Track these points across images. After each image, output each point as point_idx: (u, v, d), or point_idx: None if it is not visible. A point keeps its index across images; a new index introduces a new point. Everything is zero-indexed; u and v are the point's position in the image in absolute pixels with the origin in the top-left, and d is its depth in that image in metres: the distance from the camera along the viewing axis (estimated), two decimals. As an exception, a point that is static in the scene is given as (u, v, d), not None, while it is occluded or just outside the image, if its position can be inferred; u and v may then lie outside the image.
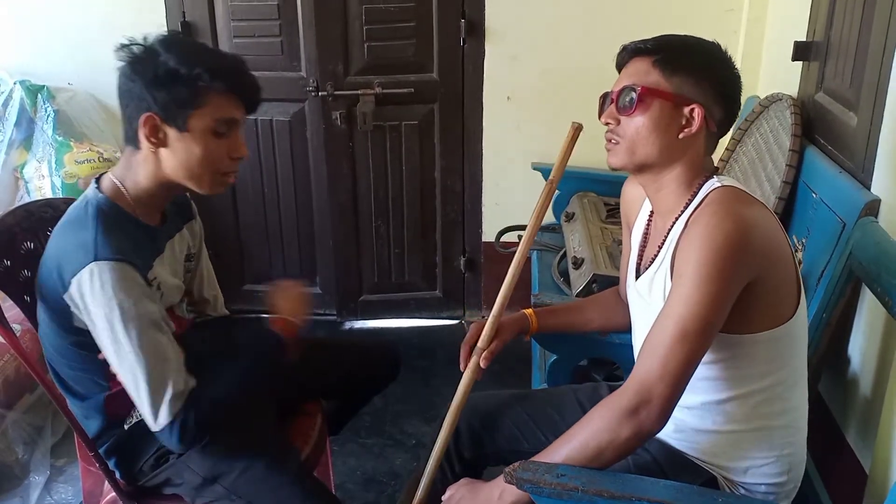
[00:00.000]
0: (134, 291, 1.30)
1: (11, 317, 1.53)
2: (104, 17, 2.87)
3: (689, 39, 1.27)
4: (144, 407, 1.32)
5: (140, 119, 1.32)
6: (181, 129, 1.33)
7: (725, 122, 1.28)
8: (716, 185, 1.24)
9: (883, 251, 1.42)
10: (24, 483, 2.24)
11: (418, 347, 3.02)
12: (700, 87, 1.23)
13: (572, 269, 2.15)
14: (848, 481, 1.61)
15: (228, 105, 1.36)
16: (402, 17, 2.80)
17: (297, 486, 1.44)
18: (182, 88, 1.30)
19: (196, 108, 1.32)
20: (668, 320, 1.15)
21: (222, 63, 1.35)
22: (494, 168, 3.01)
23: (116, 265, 1.28)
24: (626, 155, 1.28)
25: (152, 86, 1.30)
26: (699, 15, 2.71)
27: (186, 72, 1.30)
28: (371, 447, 2.43)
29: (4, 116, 2.81)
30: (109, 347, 1.31)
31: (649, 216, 1.39)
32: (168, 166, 1.37)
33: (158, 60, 1.30)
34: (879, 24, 1.63)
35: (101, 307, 1.28)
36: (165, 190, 1.42)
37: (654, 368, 1.14)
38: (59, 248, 1.35)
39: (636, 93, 1.23)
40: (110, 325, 1.28)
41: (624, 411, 1.15)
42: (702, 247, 1.13)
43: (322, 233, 3.12)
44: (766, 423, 1.27)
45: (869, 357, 1.61)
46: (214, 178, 1.40)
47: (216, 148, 1.36)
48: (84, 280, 1.28)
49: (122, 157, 1.42)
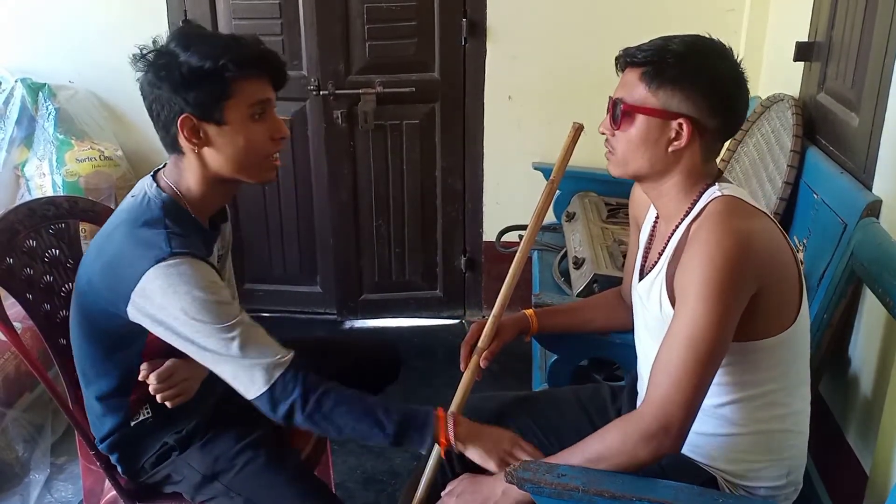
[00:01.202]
0: (211, 282, 1.29)
1: (13, 315, 1.53)
2: (105, 16, 2.87)
3: (684, 47, 1.21)
4: (243, 377, 1.30)
5: (177, 123, 1.31)
6: (220, 122, 1.32)
7: (725, 129, 1.25)
8: (716, 195, 1.22)
9: (884, 252, 1.42)
10: (24, 481, 2.24)
11: (418, 347, 3.01)
12: (689, 100, 1.19)
13: (573, 268, 2.15)
14: (848, 482, 1.61)
15: (259, 87, 1.34)
16: (403, 16, 2.80)
17: (296, 484, 1.44)
18: (211, 83, 1.29)
19: (229, 99, 1.30)
20: (679, 343, 1.14)
21: (244, 49, 1.33)
22: (495, 168, 3.01)
23: (193, 260, 1.28)
24: (620, 167, 1.29)
25: (181, 88, 1.29)
26: (700, 15, 2.70)
27: (212, 66, 1.28)
28: (371, 447, 2.42)
29: (5, 114, 2.81)
30: (188, 337, 1.28)
31: (655, 218, 1.39)
32: (215, 163, 1.35)
33: (180, 61, 1.28)
34: (881, 25, 1.63)
35: (180, 299, 1.26)
36: (218, 189, 1.40)
37: (672, 393, 1.14)
38: (122, 248, 1.33)
39: (621, 109, 1.23)
40: (188, 317, 1.26)
41: (644, 435, 1.16)
42: (704, 267, 1.13)
43: (322, 232, 3.12)
44: (765, 427, 1.27)
45: (870, 358, 1.61)
46: (263, 164, 1.39)
47: (258, 133, 1.35)
48: (154, 276, 1.26)
49: (169, 164, 1.41)
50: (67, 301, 1.61)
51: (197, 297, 1.26)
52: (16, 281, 1.51)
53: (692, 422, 1.16)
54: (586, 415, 1.54)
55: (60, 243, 1.64)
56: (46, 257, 1.60)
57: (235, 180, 1.39)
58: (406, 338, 3.09)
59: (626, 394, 1.53)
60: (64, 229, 1.65)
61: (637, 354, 1.43)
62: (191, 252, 1.29)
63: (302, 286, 3.23)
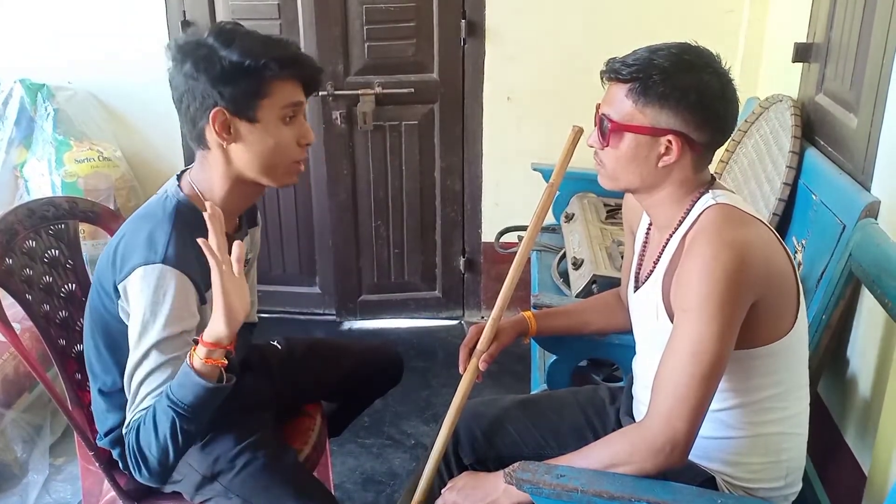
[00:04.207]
0: (179, 302, 1.29)
1: (12, 315, 1.52)
2: (104, 16, 2.87)
3: (669, 62, 1.18)
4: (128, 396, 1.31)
5: (208, 116, 1.31)
6: (252, 120, 1.32)
7: (715, 141, 1.23)
8: (709, 203, 1.22)
9: (883, 253, 1.42)
10: (22, 482, 2.24)
11: (417, 348, 3.02)
12: (678, 115, 1.18)
13: (572, 269, 2.15)
14: (847, 483, 1.61)
15: (294, 90, 1.36)
16: (402, 17, 2.80)
17: (295, 485, 1.44)
18: (250, 80, 1.29)
19: (264, 98, 1.31)
20: (681, 359, 1.14)
21: (286, 51, 1.34)
22: (494, 168, 3.01)
23: (178, 273, 1.28)
24: (610, 181, 1.29)
25: (219, 81, 1.29)
26: (699, 16, 2.70)
27: (253, 63, 1.28)
28: (370, 447, 2.43)
29: (4, 115, 2.81)
30: (133, 338, 1.30)
31: (648, 225, 1.39)
32: (241, 161, 1.36)
33: (221, 55, 1.29)
34: (880, 26, 1.64)
35: (145, 306, 1.27)
36: (240, 190, 1.40)
37: (678, 408, 1.14)
38: (130, 237, 1.34)
39: (609, 127, 1.22)
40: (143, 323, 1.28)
41: (651, 448, 1.16)
42: (702, 282, 1.12)
43: (321, 232, 3.12)
44: (762, 431, 1.27)
45: (868, 359, 1.61)
46: (288, 167, 1.40)
47: (287, 135, 1.36)
48: (140, 274, 1.28)
49: (195, 163, 1.41)
50: (66, 302, 1.62)
51: (159, 306, 1.27)
52: (15, 281, 1.51)
53: (697, 434, 1.16)
54: (584, 416, 1.55)
55: (60, 244, 1.64)
56: (46, 258, 1.60)
57: (257, 183, 1.40)
58: (405, 338, 3.09)
59: (625, 395, 1.53)
60: (63, 230, 1.65)
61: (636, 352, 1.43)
62: (181, 268, 1.29)
63: (301, 287, 3.23)
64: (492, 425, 1.54)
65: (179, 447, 1.27)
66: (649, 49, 1.21)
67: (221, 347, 1.23)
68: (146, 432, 1.26)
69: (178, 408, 1.22)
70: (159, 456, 1.27)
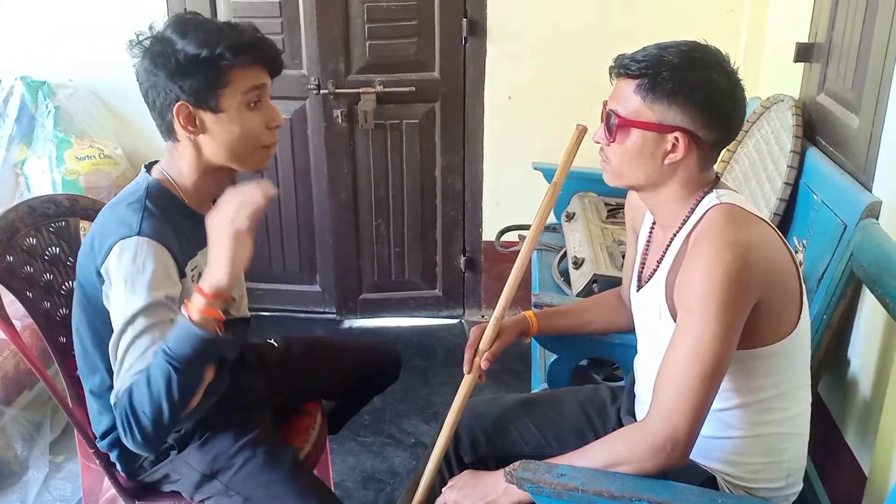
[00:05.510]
0: (159, 269, 1.28)
1: (12, 312, 1.52)
2: (105, 14, 2.87)
3: (679, 59, 1.18)
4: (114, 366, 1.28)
5: (172, 110, 1.32)
6: (215, 110, 1.32)
7: (721, 140, 1.23)
8: (713, 203, 1.22)
9: (884, 253, 1.42)
10: (22, 479, 2.24)
11: (417, 346, 3.02)
12: (686, 113, 1.18)
13: (573, 269, 2.15)
14: (847, 483, 1.61)
15: (254, 74, 1.35)
16: (403, 15, 2.80)
17: (295, 482, 1.44)
18: (207, 71, 1.29)
19: (224, 87, 1.31)
20: (684, 359, 1.14)
21: (240, 37, 1.33)
22: (495, 167, 3.01)
23: (154, 244, 1.28)
24: (615, 178, 1.28)
25: (177, 75, 1.29)
26: (700, 16, 2.70)
27: (208, 54, 1.28)
28: (370, 446, 2.43)
29: (5, 112, 2.81)
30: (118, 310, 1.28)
31: (652, 224, 1.39)
32: (210, 151, 1.37)
33: (176, 49, 1.29)
34: (881, 26, 1.63)
35: (126, 276, 1.26)
36: (212, 177, 1.41)
37: (679, 407, 1.14)
38: (103, 223, 1.35)
39: (616, 122, 1.22)
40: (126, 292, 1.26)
41: (652, 447, 1.16)
42: (705, 282, 1.12)
43: (322, 231, 3.12)
44: (762, 431, 1.27)
45: (869, 359, 1.61)
46: (257, 152, 1.40)
47: (253, 120, 1.36)
48: (118, 251, 1.27)
49: (166, 152, 1.42)
50: (67, 299, 1.62)
51: (140, 274, 1.26)
52: (16, 279, 1.51)
53: (698, 433, 1.16)
54: (585, 415, 1.55)
55: (60, 241, 1.64)
56: (46, 255, 1.60)
57: (229, 168, 1.40)
58: (405, 337, 3.09)
59: (626, 394, 1.53)
60: (64, 227, 1.65)
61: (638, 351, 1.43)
62: (157, 238, 1.29)
63: (301, 285, 3.24)
64: (493, 424, 1.54)
65: (175, 404, 1.22)
66: (659, 46, 1.21)
67: (220, 298, 1.22)
68: (139, 391, 1.22)
69: (175, 361, 1.19)
70: (153, 415, 1.22)
